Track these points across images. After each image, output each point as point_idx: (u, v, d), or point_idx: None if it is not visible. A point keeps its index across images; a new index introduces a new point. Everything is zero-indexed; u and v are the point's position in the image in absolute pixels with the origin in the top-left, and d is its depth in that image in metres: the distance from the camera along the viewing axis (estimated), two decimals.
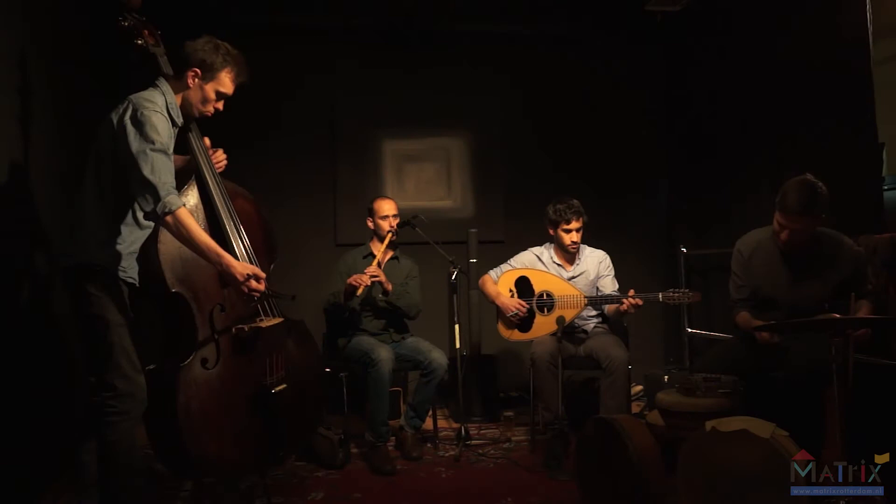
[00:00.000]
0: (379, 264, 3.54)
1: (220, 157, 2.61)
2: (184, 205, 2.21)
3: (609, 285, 3.65)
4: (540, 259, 3.71)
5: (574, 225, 3.55)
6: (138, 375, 2.24)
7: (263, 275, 2.33)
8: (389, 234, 3.56)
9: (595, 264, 3.69)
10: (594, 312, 3.68)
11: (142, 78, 2.39)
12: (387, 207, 3.64)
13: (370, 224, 3.69)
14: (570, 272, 3.66)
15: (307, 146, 4.70)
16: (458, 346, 3.66)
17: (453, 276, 3.67)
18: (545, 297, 3.55)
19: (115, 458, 2.21)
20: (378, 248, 3.58)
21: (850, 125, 3.31)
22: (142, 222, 2.31)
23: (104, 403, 2.19)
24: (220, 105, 2.45)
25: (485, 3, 4.65)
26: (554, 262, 3.68)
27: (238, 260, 2.47)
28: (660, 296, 3.28)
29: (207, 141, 2.59)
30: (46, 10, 3.05)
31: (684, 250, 4.70)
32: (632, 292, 3.31)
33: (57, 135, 3.08)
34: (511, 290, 3.62)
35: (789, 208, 2.68)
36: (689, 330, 4.67)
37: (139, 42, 2.37)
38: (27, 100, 2.70)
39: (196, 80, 2.37)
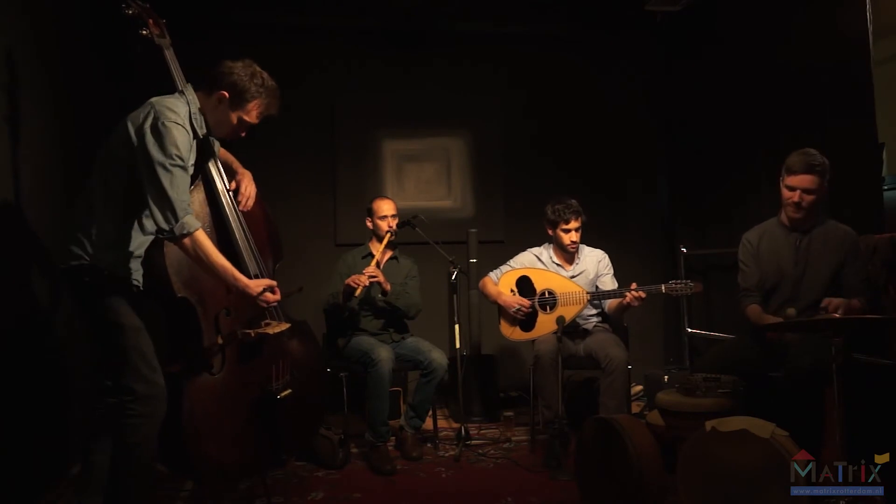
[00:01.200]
0: (378, 264, 3.54)
1: (248, 192, 2.58)
2: (201, 226, 2.17)
3: (609, 284, 3.64)
4: (539, 259, 3.71)
5: (573, 224, 3.55)
6: (157, 377, 2.21)
7: (275, 283, 2.34)
8: (388, 235, 3.56)
9: (594, 263, 3.69)
10: (594, 311, 3.68)
11: (145, 77, 2.36)
12: (385, 207, 3.63)
13: (369, 224, 3.69)
14: (569, 272, 3.66)
15: (307, 146, 4.69)
16: (458, 346, 3.66)
17: (453, 276, 3.68)
18: (547, 296, 3.55)
19: (135, 460, 2.19)
20: (377, 249, 3.58)
21: (850, 125, 3.32)
22: (146, 227, 2.27)
23: (125, 407, 2.16)
24: (243, 133, 2.37)
25: (485, 3, 4.65)
26: (553, 262, 3.68)
27: (246, 264, 2.49)
28: (662, 287, 3.29)
29: (234, 185, 2.58)
30: (45, 7, 3.05)
31: (684, 250, 4.70)
32: (634, 285, 3.31)
33: (57, 135, 3.08)
34: (512, 291, 3.62)
35: (794, 168, 2.81)
36: (689, 330, 4.67)
37: (143, 32, 2.32)
38: (26, 98, 2.70)
39: (222, 103, 2.29)
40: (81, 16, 3.47)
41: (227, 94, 2.27)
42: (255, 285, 2.28)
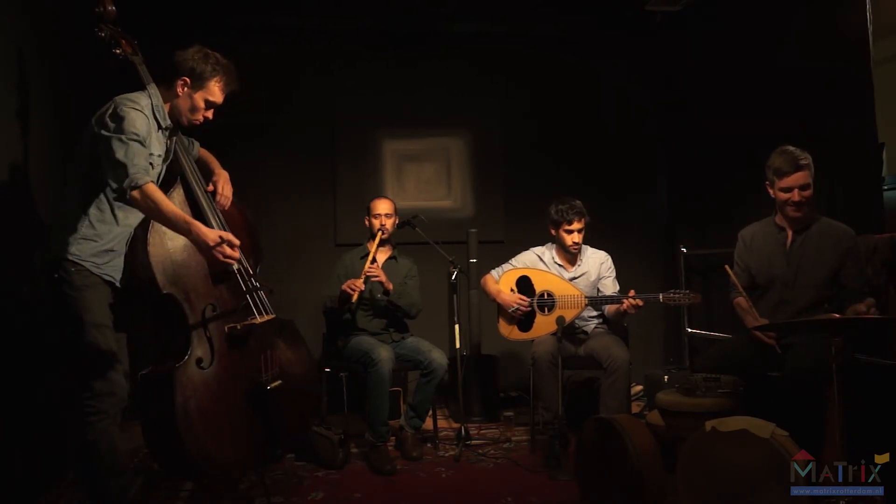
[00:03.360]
0: (374, 261, 3.53)
1: (225, 192, 2.63)
2: (151, 180, 2.18)
3: (610, 286, 3.64)
4: (541, 259, 3.70)
5: (576, 226, 3.54)
6: (117, 375, 2.25)
7: (237, 242, 2.28)
8: (379, 233, 3.56)
9: (597, 265, 3.68)
10: (595, 313, 3.67)
11: (133, 80, 2.41)
12: (380, 206, 3.64)
13: (367, 223, 3.70)
14: (571, 273, 3.65)
15: (307, 146, 4.69)
16: (458, 346, 3.66)
17: (453, 276, 3.68)
18: (546, 297, 3.55)
19: (95, 459, 2.22)
20: (372, 248, 3.58)
21: (850, 125, 3.32)
22: (120, 219, 2.31)
23: (83, 404, 2.21)
24: (210, 114, 2.46)
25: (484, 3, 4.65)
26: (555, 263, 3.67)
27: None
28: (660, 296, 3.28)
29: (210, 187, 2.61)
30: (46, 7, 3.05)
31: (684, 250, 4.70)
32: (632, 293, 3.30)
33: (57, 133, 3.08)
34: (512, 290, 3.62)
35: (785, 168, 2.80)
36: (689, 330, 4.67)
37: (117, 51, 2.43)
38: (26, 97, 2.70)
39: (185, 88, 2.39)
40: (81, 13, 3.46)
41: (188, 80, 2.39)
42: (213, 234, 2.19)
